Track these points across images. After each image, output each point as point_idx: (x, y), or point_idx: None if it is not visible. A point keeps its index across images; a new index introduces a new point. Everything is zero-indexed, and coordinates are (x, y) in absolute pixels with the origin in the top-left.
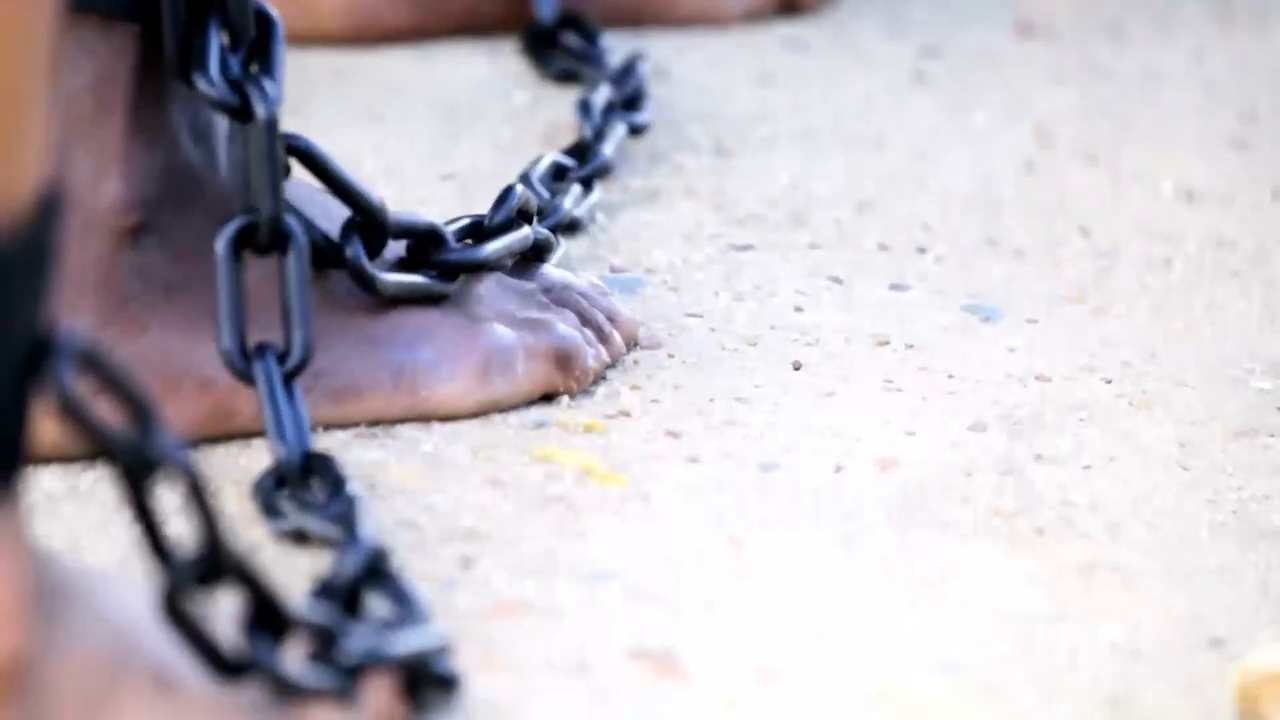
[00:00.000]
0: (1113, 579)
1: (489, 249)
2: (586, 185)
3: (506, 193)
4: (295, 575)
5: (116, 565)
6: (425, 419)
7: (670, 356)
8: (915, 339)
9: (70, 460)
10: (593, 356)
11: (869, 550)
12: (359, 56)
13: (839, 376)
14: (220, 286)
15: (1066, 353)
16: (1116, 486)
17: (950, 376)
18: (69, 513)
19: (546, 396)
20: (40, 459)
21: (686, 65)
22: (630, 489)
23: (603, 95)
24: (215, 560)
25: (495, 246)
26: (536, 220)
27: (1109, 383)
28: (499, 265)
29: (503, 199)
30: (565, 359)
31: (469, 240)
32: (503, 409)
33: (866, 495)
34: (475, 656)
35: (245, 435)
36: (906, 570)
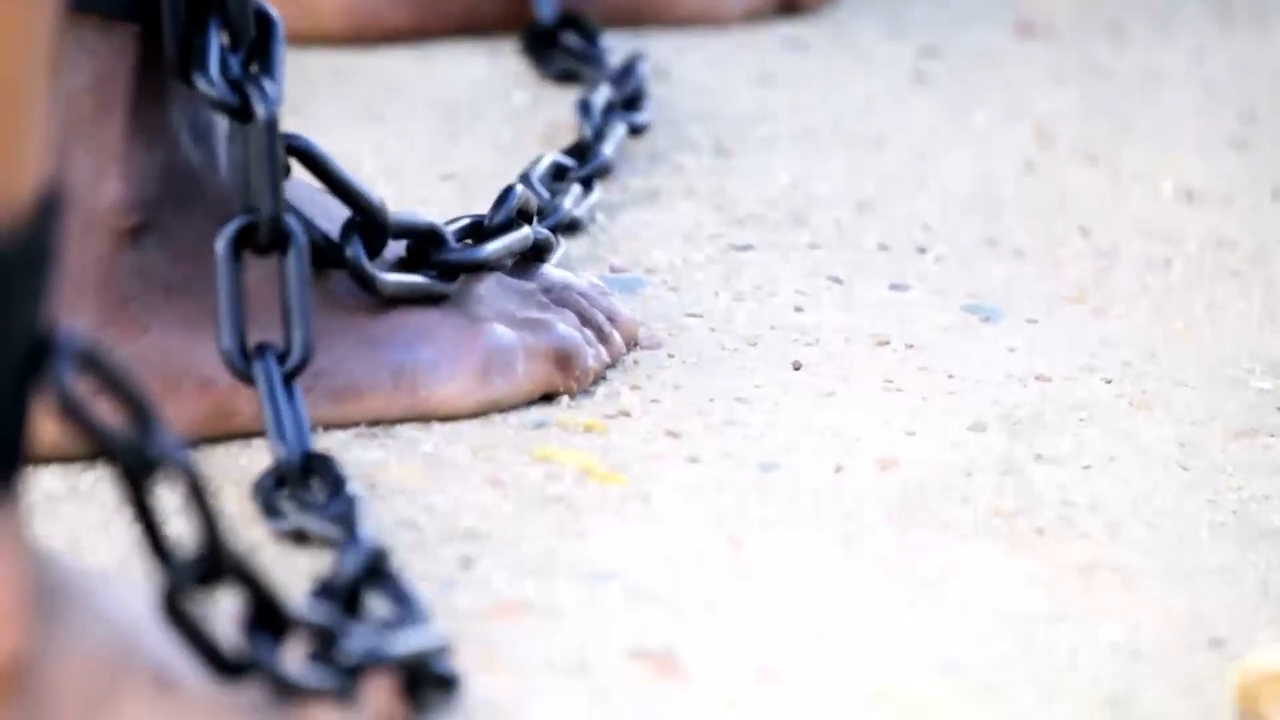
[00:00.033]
0: (1113, 579)
1: (489, 249)
2: (586, 185)
3: (506, 193)
4: (295, 575)
5: (116, 565)
6: (425, 419)
7: (670, 356)
8: (915, 339)
9: (70, 460)
10: (593, 356)
11: (869, 550)
12: (359, 56)
13: (839, 376)
14: (220, 286)
15: (1066, 353)
16: (1116, 486)
17: (950, 376)
18: (69, 513)
19: (546, 396)
20: (40, 459)
21: (686, 65)
22: (630, 489)
23: (603, 95)
24: (215, 560)
25: (495, 246)
26: (536, 220)
27: (1109, 383)
28: (499, 265)
29: (503, 199)
30: (565, 359)
31: (469, 240)
32: (503, 409)
33: (866, 495)
34: (475, 656)
35: (245, 435)
36: (906, 570)
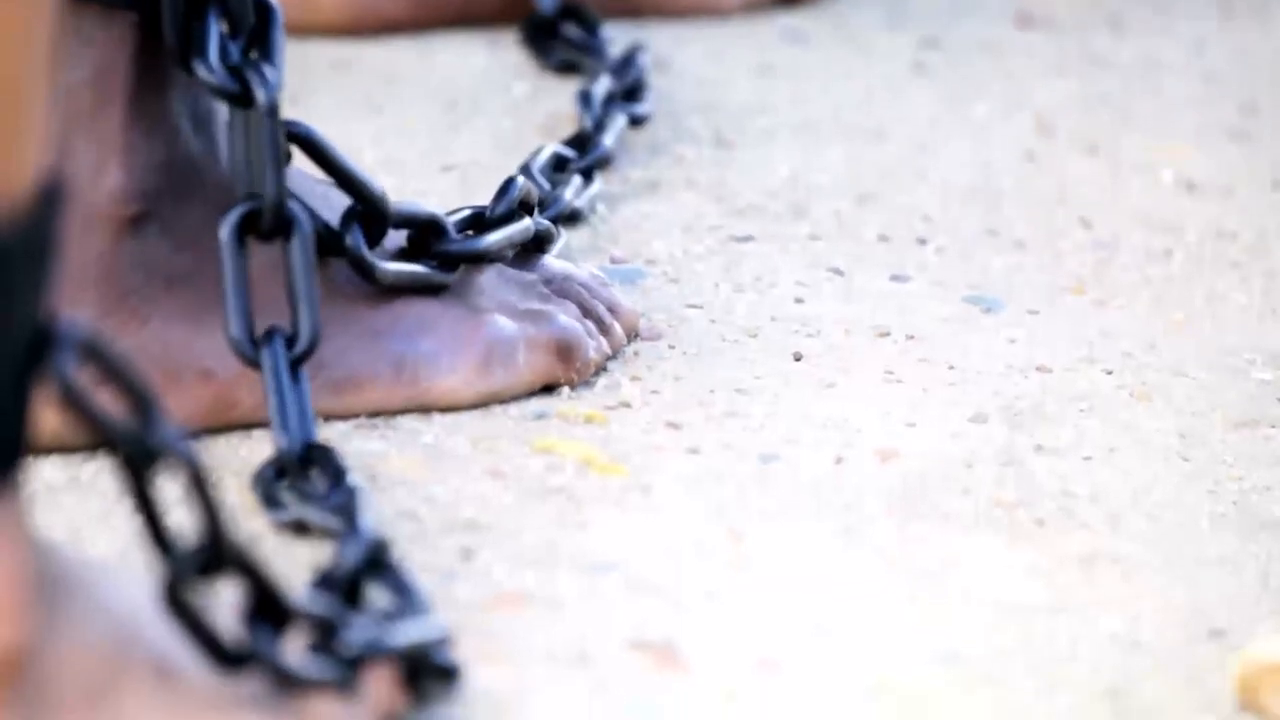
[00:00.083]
0: (1113, 570)
1: (489, 240)
2: (587, 176)
3: (508, 184)
4: (296, 566)
5: (117, 556)
6: (426, 410)
7: (671, 348)
8: (916, 330)
9: (71, 451)
10: (593, 348)
11: (869, 541)
12: (359, 47)
13: (839, 368)
14: (225, 273)
15: (1067, 344)
16: (1117, 477)
17: (951, 368)
18: (70, 503)
19: (547, 388)
20: (41, 449)
21: (687, 56)
22: (631, 480)
23: (603, 86)
24: (216, 551)
25: (496, 237)
26: (537, 211)
27: (1109, 374)
28: (500, 256)
29: (504, 190)
30: (566, 350)
31: (470, 231)
32: (503, 400)
33: (867, 486)
34: (476, 647)
35: (246, 426)
36: (907, 561)
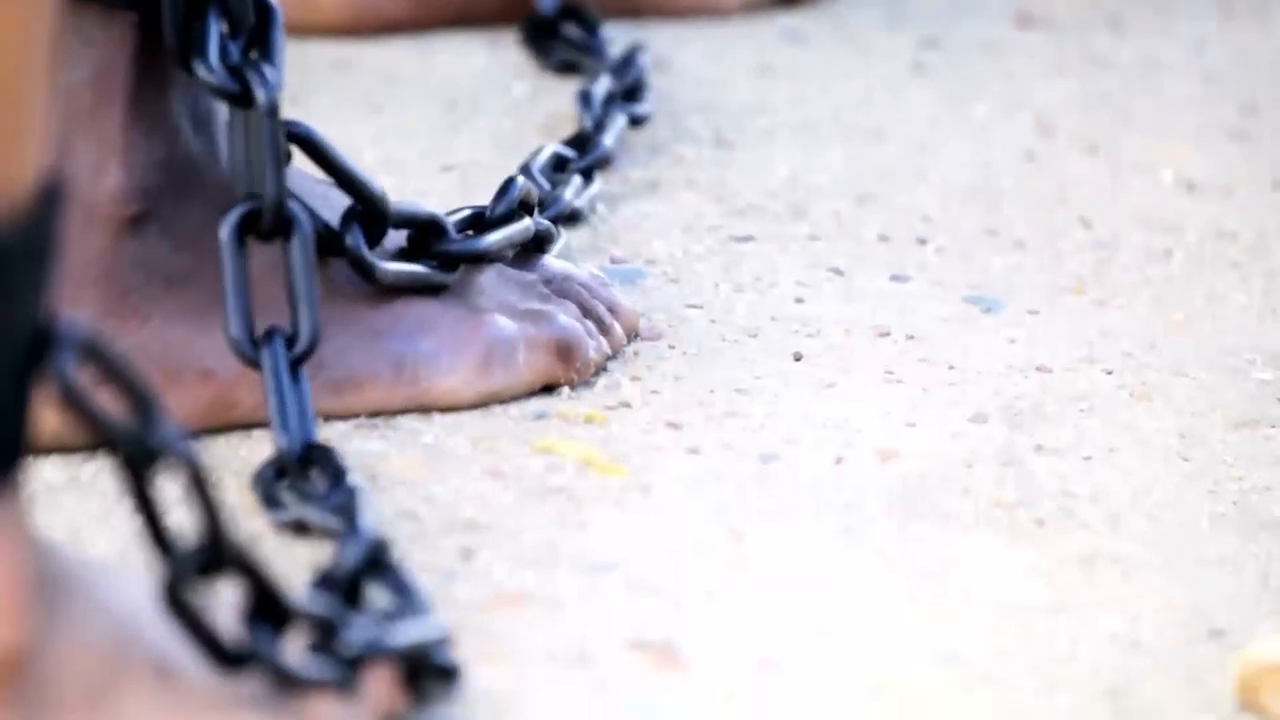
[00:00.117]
0: (1113, 570)
1: (489, 240)
2: (587, 176)
3: (508, 184)
4: (296, 566)
5: (117, 556)
6: (426, 410)
7: (671, 348)
8: (916, 330)
9: (71, 451)
10: (593, 348)
11: (869, 541)
12: (359, 47)
13: (839, 368)
14: (225, 273)
15: (1067, 344)
16: (1117, 477)
17: (951, 368)
18: (70, 503)
19: (547, 387)
20: (41, 449)
21: (687, 57)
22: (631, 480)
23: (603, 86)
24: (216, 551)
25: (496, 237)
26: (537, 211)
27: (1109, 374)
28: (500, 256)
29: (504, 190)
30: (566, 350)
31: (470, 231)
32: (503, 400)
33: (867, 486)
34: (475, 647)
35: (246, 426)
36: (907, 561)
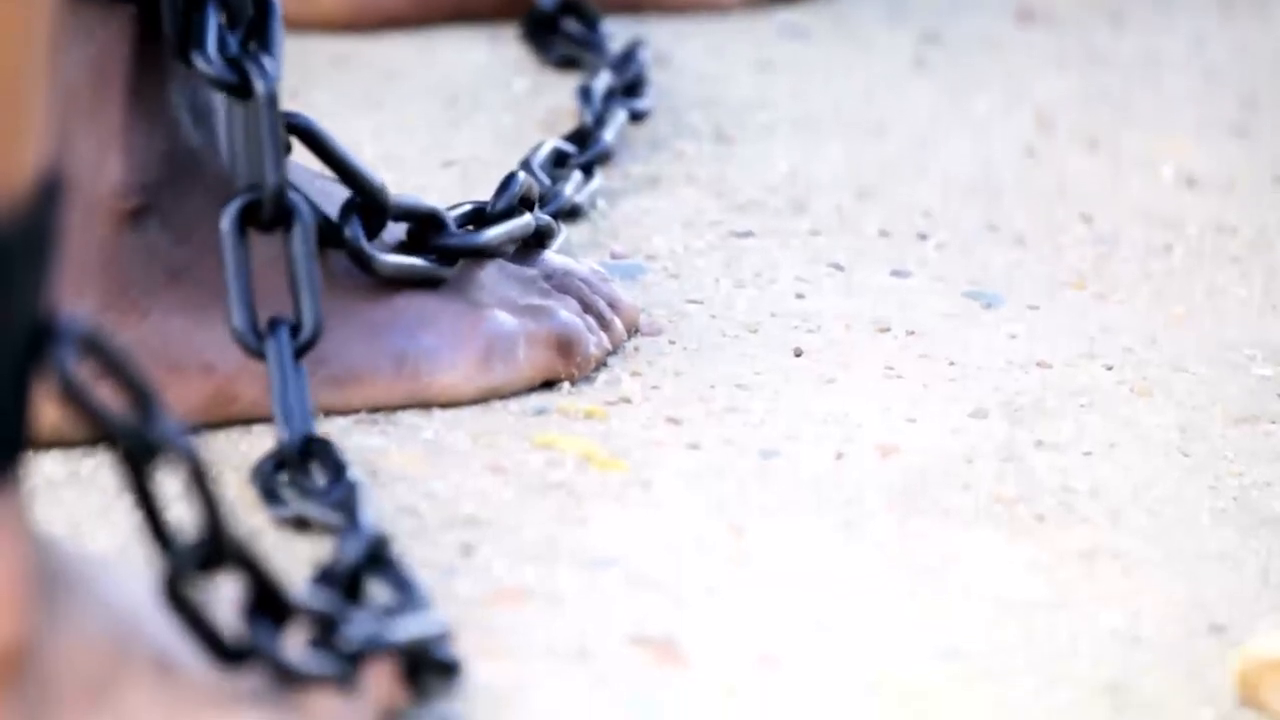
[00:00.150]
0: (1113, 565)
1: (489, 234)
2: (587, 172)
3: (509, 180)
4: (296, 562)
5: (117, 551)
6: (426, 405)
7: (671, 343)
8: (916, 325)
9: (71, 446)
10: (594, 343)
11: (870, 537)
12: (359, 43)
13: (840, 363)
14: (227, 264)
15: (1067, 339)
16: (1117, 473)
17: (951, 363)
18: (70, 498)
19: (547, 383)
20: (41, 444)
21: (687, 52)
22: (631, 475)
23: (603, 82)
24: (216, 546)
25: (495, 232)
26: (537, 207)
27: (1110, 369)
28: (500, 251)
29: (505, 186)
30: (566, 345)
31: (470, 226)
32: (504, 395)
33: (867, 482)
34: (476, 643)
35: (246, 421)
36: (907, 557)
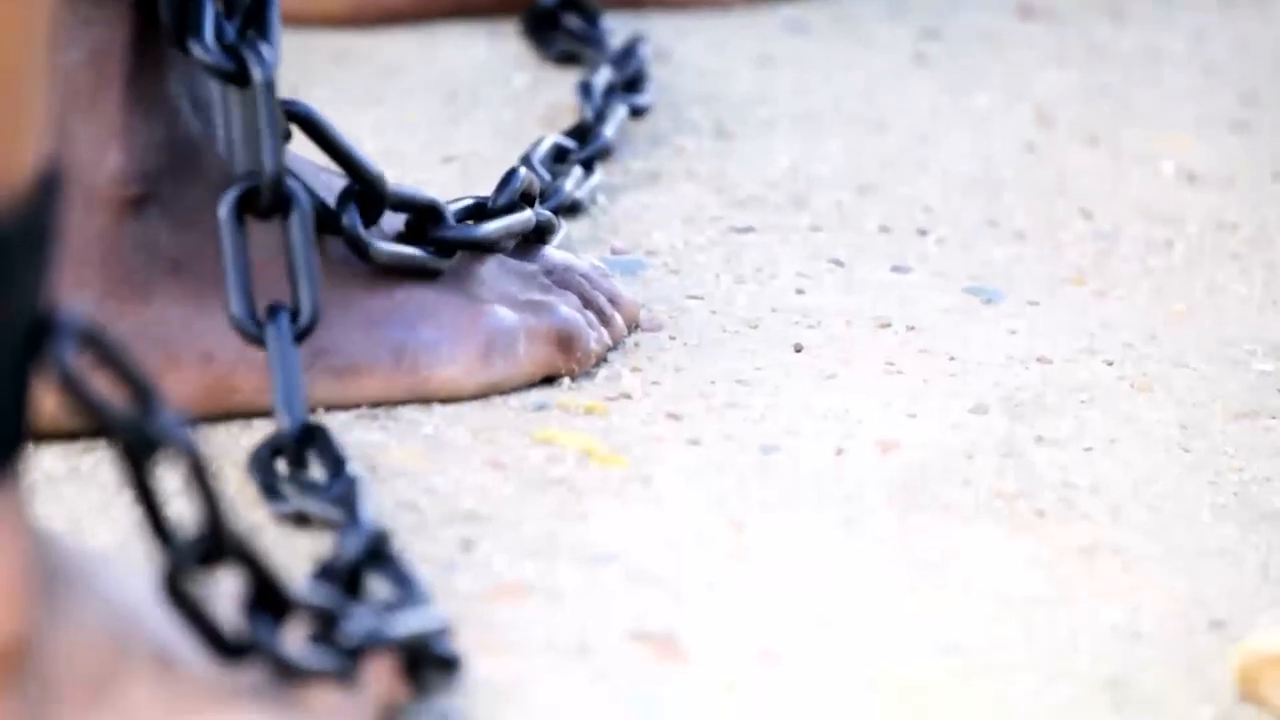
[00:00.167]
0: (1114, 561)
1: (487, 228)
2: (587, 167)
3: (510, 175)
4: (296, 557)
5: (117, 546)
6: (426, 400)
7: (671, 339)
8: (916, 321)
9: (71, 440)
10: (594, 339)
11: (870, 532)
12: (359, 38)
13: (840, 359)
14: (225, 251)
15: (1068, 335)
16: (1118, 468)
17: (951, 359)
18: (70, 494)
19: (548, 378)
20: (41, 439)
21: (687, 47)
22: (631, 471)
23: (603, 77)
24: (216, 541)
25: (493, 226)
26: (538, 202)
27: (1110, 365)
28: (499, 246)
29: (506, 181)
30: (567, 341)
31: (470, 220)
32: (504, 391)
33: (868, 477)
34: (476, 638)
35: (246, 415)
36: (907, 552)
